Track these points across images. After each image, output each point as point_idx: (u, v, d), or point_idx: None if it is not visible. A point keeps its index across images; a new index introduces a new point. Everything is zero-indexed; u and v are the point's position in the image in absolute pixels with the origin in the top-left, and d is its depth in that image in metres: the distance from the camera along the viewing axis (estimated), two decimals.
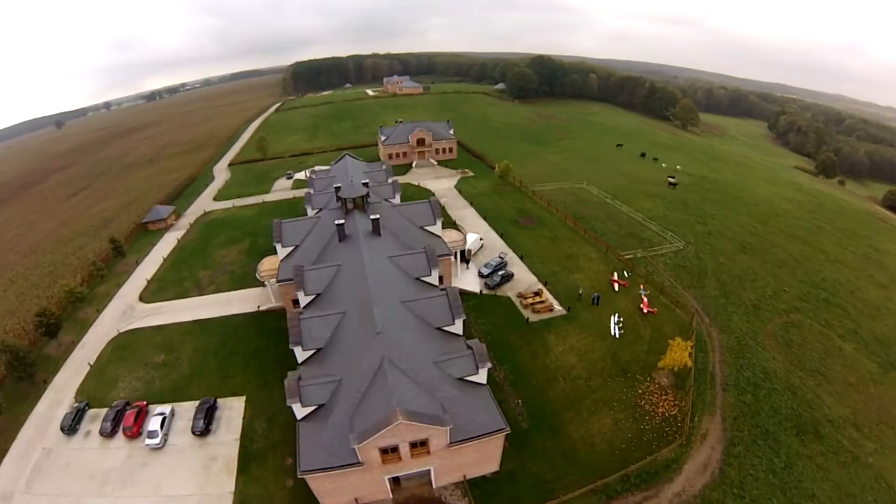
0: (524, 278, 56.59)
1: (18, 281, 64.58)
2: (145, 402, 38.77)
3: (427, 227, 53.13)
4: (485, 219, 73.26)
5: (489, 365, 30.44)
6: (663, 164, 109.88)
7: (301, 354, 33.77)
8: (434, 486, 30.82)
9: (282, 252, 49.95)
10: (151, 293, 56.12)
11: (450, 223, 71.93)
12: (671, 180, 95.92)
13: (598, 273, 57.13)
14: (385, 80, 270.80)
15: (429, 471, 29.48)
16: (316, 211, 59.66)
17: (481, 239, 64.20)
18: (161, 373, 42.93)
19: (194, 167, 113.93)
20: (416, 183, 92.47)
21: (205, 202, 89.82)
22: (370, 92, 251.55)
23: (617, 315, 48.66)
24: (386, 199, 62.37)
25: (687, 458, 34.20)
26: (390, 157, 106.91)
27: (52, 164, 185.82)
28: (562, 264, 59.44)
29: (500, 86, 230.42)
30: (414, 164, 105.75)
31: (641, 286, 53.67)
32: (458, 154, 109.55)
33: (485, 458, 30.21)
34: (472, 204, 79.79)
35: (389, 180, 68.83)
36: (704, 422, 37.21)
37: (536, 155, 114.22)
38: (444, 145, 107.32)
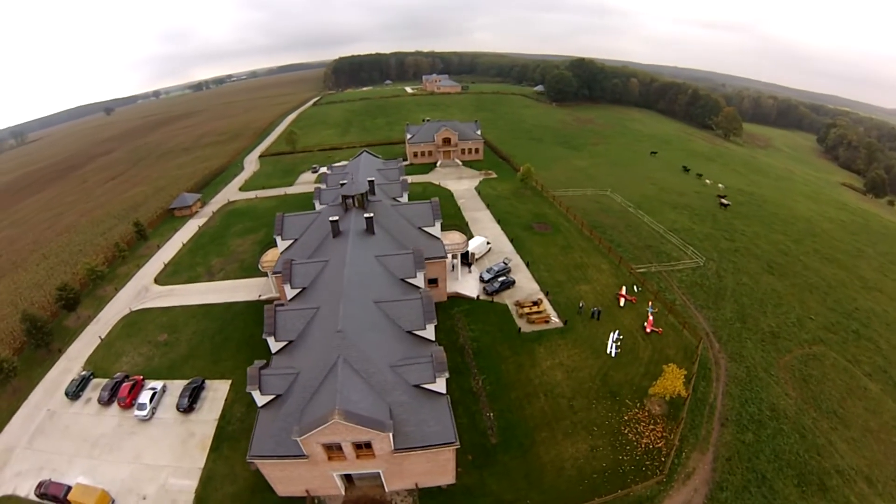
0: (526, 286, 55.99)
1: (50, 257, 72.43)
2: (142, 377, 42.60)
3: (425, 228, 53.96)
4: (499, 222, 73.05)
5: (447, 375, 30.66)
6: (707, 181, 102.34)
7: (274, 345, 35.83)
8: (386, 489, 31.74)
9: (282, 245, 52.78)
10: (166, 276, 61.17)
11: (462, 225, 72.59)
12: (723, 201, 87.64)
13: (606, 286, 55.36)
14: (424, 77, 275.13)
15: (379, 473, 30.42)
16: (324, 206, 62.52)
17: (488, 243, 64.11)
18: (161, 351, 46.88)
19: (227, 157, 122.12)
20: (438, 183, 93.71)
21: (231, 192, 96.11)
22: (409, 89, 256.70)
23: (616, 332, 47.01)
24: (394, 198, 64.24)
25: (664, 497, 32.36)
26: (415, 155, 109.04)
27: (96, 148, 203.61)
28: (569, 274, 58.17)
29: (539, 88, 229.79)
30: (438, 164, 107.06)
31: (650, 303, 51.47)
32: (484, 155, 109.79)
33: (437, 469, 30.45)
34: (488, 206, 79.80)
35: (400, 179, 70.61)
36: (693, 459, 35.06)
37: (565, 159, 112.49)
38: (471, 146, 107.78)
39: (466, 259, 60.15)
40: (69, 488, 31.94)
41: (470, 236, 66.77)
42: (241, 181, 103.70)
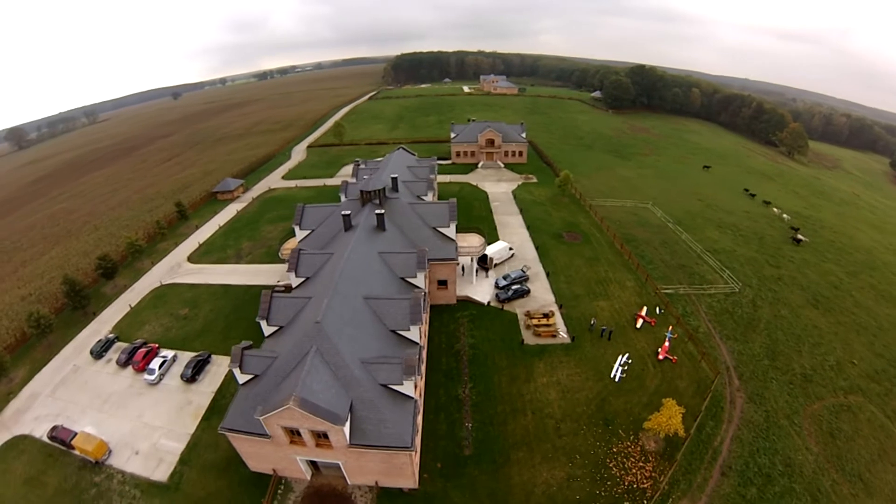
0: (541, 297, 54.83)
1: (101, 228, 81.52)
2: (157, 345, 47.12)
3: (440, 229, 54.59)
4: (528, 228, 72.06)
5: (415, 378, 31.06)
6: (775, 209, 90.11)
7: (267, 329, 38.31)
8: (348, 482, 32.86)
9: (300, 234, 55.94)
10: (198, 255, 66.88)
11: (490, 228, 72.45)
12: (797, 237, 75.88)
13: (626, 304, 52.76)
14: (481, 77, 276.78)
15: (339, 465, 31.62)
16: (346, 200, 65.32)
17: (511, 248, 63.47)
18: (180, 324, 51.42)
19: (276, 145, 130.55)
20: (475, 184, 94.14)
21: (273, 179, 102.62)
22: (466, 89, 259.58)
23: (626, 356, 44.72)
24: (418, 196, 65.62)
25: None
26: (458, 154, 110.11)
27: (158, 130, 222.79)
28: (589, 288, 56.13)
29: (597, 94, 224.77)
30: (480, 165, 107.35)
31: (670, 327, 48.29)
32: (528, 159, 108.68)
33: (395, 471, 30.79)
34: (522, 211, 78.94)
35: (428, 177, 71.89)
36: None
37: (611, 168, 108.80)
38: (514, 148, 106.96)
39: (485, 263, 60.20)
40: (75, 434, 36.29)
41: (496, 240, 66.72)
42: (286, 170, 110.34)
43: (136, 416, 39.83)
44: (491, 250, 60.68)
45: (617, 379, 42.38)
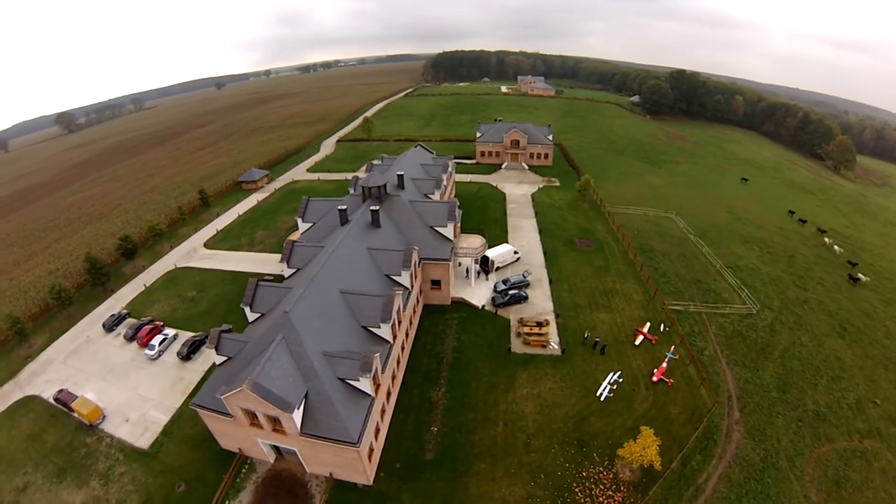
0: (539, 304, 54.27)
1: (130, 211, 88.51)
2: (162, 324, 51.04)
3: (438, 228, 55.52)
4: (540, 232, 71.40)
5: (369, 376, 32.22)
6: (827, 239, 78.97)
7: (250, 315, 40.97)
8: (306, 470, 34.60)
9: (302, 226, 58.69)
10: (215, 241, 71.36)
11: (502, 231, 72.54)
12: (857, 275, 65.83)
13: (628, 319, 51.05)
14: (519, 78, 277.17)
15: (296, 452, 33.50)
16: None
17: (516, 252, 63.22)
18: (186, 305, 55.46)
19: (306, 138, 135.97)
20: (495, 184, 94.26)
21: (298, 171, 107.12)
22: (504, 88, 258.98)
23: (617, 374, 43.44)
24: (425, 195, 66.94)
25: None
26: (482, 154, 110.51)
27: (196, 120, 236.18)
28: (592, 299, 54.86)
29: (635, 98, 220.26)
30: (504, 166, 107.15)
31: (672, 347, 46.29)
32: (554, 161, 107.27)
33: (347, 464, 31.79)
34: (537, 215, 78.37)
35: (436, 176, 72.94)
36: None
37: (640, 175, 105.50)
38: (540, 150, 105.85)
39: (486, 265, 60.47)
40: (76, 398, 40.32)
41: (505, 243, 66.70)
42: (312, 163, 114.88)
43: (133, 387, 43.56)
44: (493, 253, 60.69)
45: (603, 398, 41.13)
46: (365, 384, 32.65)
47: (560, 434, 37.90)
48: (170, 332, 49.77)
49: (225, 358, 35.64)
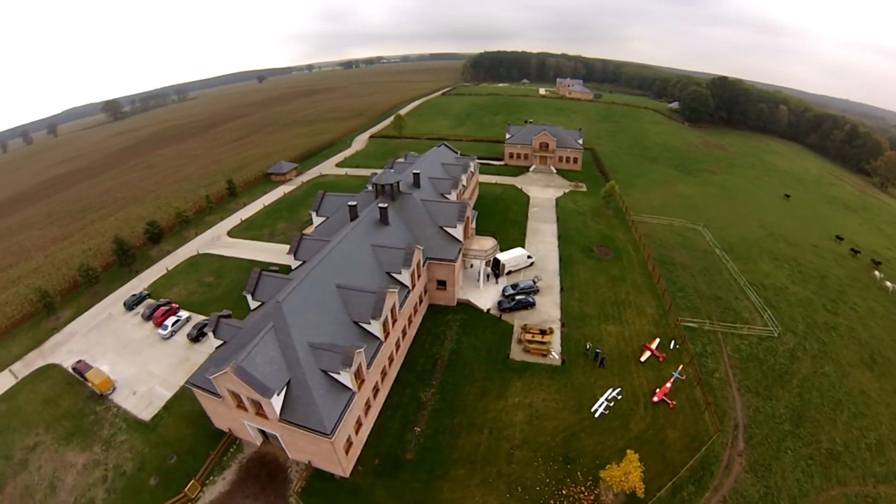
0: (546, 311, 53.67)
1: (161, 198, 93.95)
2: (177, 306, 54.26)
3: (447, 228, 56.16)
4: (559, 238, 70.57)
5: (350, 370, 33.09)
6: (877, 273, 69.81)
7: (252, 303, 43.23)
8: (288, 456, 36.16)
9: (316, 220, 61.01)
10: (238, 230, 74.84)
11: (520, 235, 72.24)
12: None
13: (637, 333, 49.41)
14: (558, 80, 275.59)
15: (278, 437, 35.14)
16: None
17: (530, 256, 62.86)
18: (202, 290, 58.70)
19: (339, 133, 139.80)
20: (520, 187, 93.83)
21: (327, 166, 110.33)
22: (542, 91, 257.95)
23: (617, 390, 42.30)
24: (441, 194, 67.80)
25: None
26: (511, 156, 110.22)
27: (234, 112, 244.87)
28: (602, 310, 53.58)
29: (675, 104, 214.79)
30: (532, 168, 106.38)
31: (681, 367, 44.46)
32: (583, 166, 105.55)
33: (323, 454, 32.80)
34: (559, 220, 77.42)
35: (462, 176, 73.53)
36: None
37: (671, 183, 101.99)
38: (569, 154, 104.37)
39: (497, 269, 60.56)
40: (91, 369, 43.96)
41: (521, 246, 66.54)
42: (342, 157, 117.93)
43: (143, 363, 46.70)
44: (505, 256, 60.56)
45: (597, 414, 40.01)
46: (346, 378, 33.71)
47: (546, 448, 37.18)
48: (183, 314, 53.01)
49: (222, 342, 37.92)
